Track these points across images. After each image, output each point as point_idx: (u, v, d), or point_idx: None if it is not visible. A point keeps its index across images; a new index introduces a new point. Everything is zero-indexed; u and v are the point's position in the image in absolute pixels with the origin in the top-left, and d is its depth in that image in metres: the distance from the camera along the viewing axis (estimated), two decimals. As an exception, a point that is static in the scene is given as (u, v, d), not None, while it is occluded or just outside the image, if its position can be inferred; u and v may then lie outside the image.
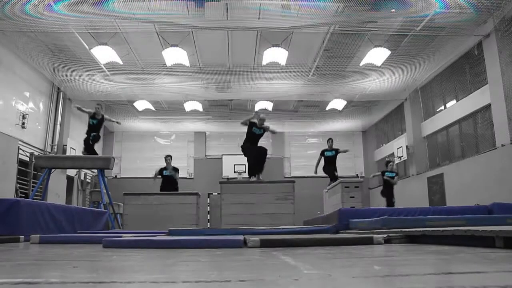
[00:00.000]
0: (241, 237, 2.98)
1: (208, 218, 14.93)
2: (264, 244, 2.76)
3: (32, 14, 7.97)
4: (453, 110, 11.29)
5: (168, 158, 8.91)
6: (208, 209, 15.05)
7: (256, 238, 2.81)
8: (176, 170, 8.92)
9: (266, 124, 7.40)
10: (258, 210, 6.99)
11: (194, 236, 4.03)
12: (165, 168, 8.82)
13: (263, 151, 7.45)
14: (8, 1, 7.47)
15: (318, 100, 14.22)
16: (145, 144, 17.17)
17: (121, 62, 10.89)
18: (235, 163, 15.66)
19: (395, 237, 3.15)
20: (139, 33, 9.59)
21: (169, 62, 10.86)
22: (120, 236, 3.69)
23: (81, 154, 8.98)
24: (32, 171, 10.58)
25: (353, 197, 8.74)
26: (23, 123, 10.56)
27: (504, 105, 8.82)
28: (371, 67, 11.19)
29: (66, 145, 12.44)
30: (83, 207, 10.38)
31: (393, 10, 8.45)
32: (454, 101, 11.41)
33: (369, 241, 2.90)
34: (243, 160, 15.77)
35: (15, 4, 7.58)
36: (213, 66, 11.67)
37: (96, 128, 8.50)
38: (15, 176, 9.65)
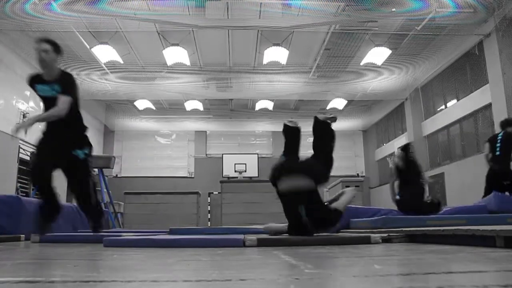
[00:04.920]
0: (241, 237, 2.98)
1: (209, 217, 14.92)
2: (262, 243, 2.76)
3: (33, 13, 7.97)
4: (454, 109, 11.29)
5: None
6: (209, 208, 15.05)
7: (254, 237, 2.81)
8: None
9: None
10: (258, 209, 7.00)
11: (194, 235, 4.04)
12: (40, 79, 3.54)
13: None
14: (8, 0, 7.47)
15: (319, 99, 14.22)
16: (146, 143, 17.18)
17: (121, 61, 10.89)
18: (235, 162, 15.66)
19: (396, 236, 3.14)
20: (139, 32, 9.59)
21: (169, 61, 10.87)
22: (121, 235, 3.69)
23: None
24: (33, 170, 10.57)
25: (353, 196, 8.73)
26: (24, 122, 10.56)
27: (504, 104, 8.82)
28: (372, 67, 11.19)
29: (66, 144, 12.44)
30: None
31: (393, 9, 8.45)
32: (454, 101, 11.40)
33: (366, 241, 2.90)
34: (243, 159, 15.97)
35: (17, 4, 7.58)
36: (214, 65, 11.67)
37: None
38: (15, 175, 9.66)
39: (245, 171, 15.53)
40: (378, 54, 10.51)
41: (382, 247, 2.62)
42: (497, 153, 6.21)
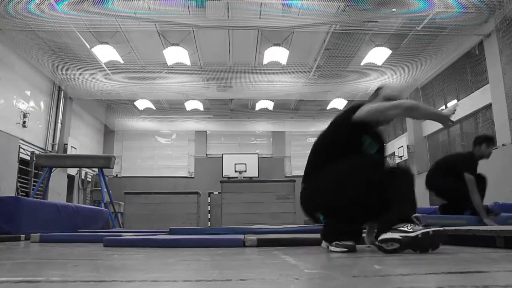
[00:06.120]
0: (241, 237, 2.98)
1: (209, 217, 14.93)
2: (261, 243, 2.75)
3: (36, 12, 7.96)
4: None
5: None
6: (209, 208, 15.05)
7: (253, 237, 2.81)
8: None
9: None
10: (259, 210, 6.99)
11: (194, 235, 4.03)
12: None
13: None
14: (10, 0, 7.47)
15: (319, 99, 14.22)
16: (146, 143, 17.18)
17: (122, 61, 10.89)
18: (235, 162, 15.67)
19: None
20: (140, 32, 9.59)
21: (170, 61, 10.87)
22: (121, 235, 3.69)
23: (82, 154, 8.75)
24: (33, 170, 10.58)
25: (353, 196, 8.73)
26: (24, 122, 10.56)
27: (505, 104, 8.82)
28: (372, 67, 11.19)
29: (67, 144, 12.45)
30: (84, 206, 10.39)
31: (394, 9, 8.45)
32: (455, 101, 11.40)
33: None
34: (244, 159, 15.97)
35: (17, 4, 7.58)
36: (214, 65, 11.67)
37: None
38: (16, 175, 9.65)
39: (245, 171, 15.53)
40: (378, 54, 10.51)
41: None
42: None
